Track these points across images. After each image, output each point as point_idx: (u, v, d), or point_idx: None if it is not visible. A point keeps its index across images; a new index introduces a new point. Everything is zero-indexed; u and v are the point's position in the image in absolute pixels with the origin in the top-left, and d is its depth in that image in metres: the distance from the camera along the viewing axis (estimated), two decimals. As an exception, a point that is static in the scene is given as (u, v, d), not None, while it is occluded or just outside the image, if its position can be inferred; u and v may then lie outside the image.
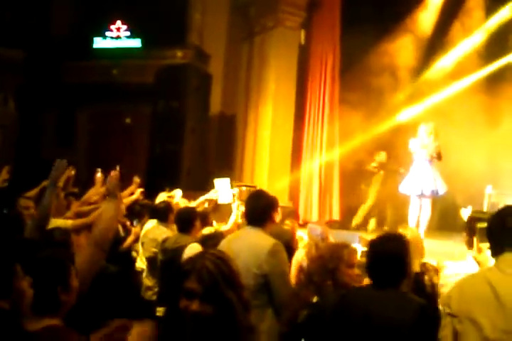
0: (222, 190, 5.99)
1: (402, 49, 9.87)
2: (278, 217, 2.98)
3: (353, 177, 9.75)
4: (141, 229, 5.26)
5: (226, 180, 6.11)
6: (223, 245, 2.98)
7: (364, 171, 9.69)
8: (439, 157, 7.44)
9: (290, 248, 3.41)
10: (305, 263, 3.50)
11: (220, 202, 5.92)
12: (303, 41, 10.37)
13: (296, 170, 10.04)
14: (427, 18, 10.16)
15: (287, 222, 4.63)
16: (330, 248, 2.94)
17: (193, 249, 3.64)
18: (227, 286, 1.68)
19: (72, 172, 5.03)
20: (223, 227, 4.87)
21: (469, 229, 3.02)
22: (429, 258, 3.44)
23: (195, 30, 10.90)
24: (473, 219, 3.05)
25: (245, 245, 2.81)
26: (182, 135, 9.67)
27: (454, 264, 2.88)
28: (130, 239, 5.21)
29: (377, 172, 9.44)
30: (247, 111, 10.47)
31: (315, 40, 10.22)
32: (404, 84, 9.95)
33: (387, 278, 2.30)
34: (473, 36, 9.78)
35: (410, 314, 2.17)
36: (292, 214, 9.42)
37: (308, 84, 10.19)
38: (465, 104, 8.66)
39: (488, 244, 2.25)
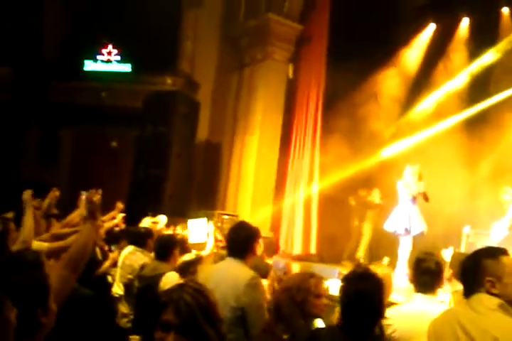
0: (196, 230, 5.83)
1: (387, 87, 10.14)
2: (260, 249, 2.97)
3: (334, 211, 9.77)
4: (119, 254, 5.20)
5: (203, 220, 5.95)
6: (203, 276, 2.97)
7: (350, 206, 9.73)
8: (425, 198, 7.60)
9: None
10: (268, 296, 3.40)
11: (191, 241, 5.73)
12: (291, 75, 10.59)
13: (279, 200, 10.07)
14: (412, 57, 10.52)
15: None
16: (296, 279, 2.81)
17: (170, 277, 3.60)
18: (205, 320, 1.67)
19: (57, 193, 4.98)
20: (202, 252, 4.84)
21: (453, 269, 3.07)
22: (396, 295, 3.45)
23: (186, 58, 11.07)
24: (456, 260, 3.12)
25: (224, 277, 2.80)
26: (167, 160, 9.67)
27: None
28: (107, 264, 5.13)
29: (373, 208, 9.45)
30: (233, 140, 10.56)
31: (302, 74, 10.45)
32: (388, 122, 10.17)
33: (359, 319, 2.22)
34: (455, 78, 10.10)
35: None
36: (273, 245, 9.40)
37: (295, 117, 10.37)
38: (445, 144, 8.86)
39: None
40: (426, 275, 2.74)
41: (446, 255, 3.93)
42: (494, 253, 2.13)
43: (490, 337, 1.86)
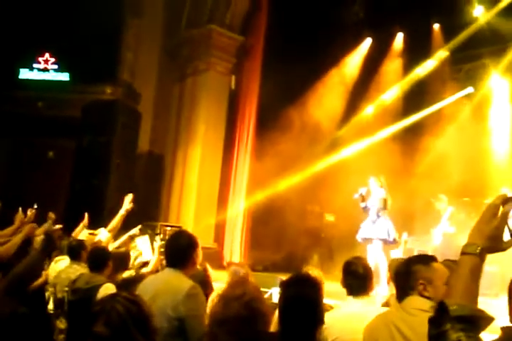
0: (144, 247, 5.69)
1: (325, 97, 10.39)
2: (198, 259, 2.91)
3: (267, 222, 9.82)
4: (49, 265, 4.99)
5: (145, 238, 5.79)
6: (141, 287, 2.89)
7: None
8: (384, 205, 7.67)
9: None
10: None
11: (144, 259, 5.57)
12: (233, 86, 10.65)
13: (222, 211, 10.04)
14: (349, 70, 10.85)
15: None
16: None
17: (107, 289, 3.48)
18: (138, 330, 1.63)
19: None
20: (144, 270, 4.70)
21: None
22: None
23: (127, 67, 10.91)
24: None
25: (163, 287, 2.73)
26: (107, 171, 9.44)
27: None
28: (40, 280, 4.91)
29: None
30: (176, 151, 10.47)
31: (244, 85, 10.54)
32: (325, 132, 10.41)
33: (299, 325, 2.14)
34: (390, 90, 10.52)
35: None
36: (217, 255, 9.36)
37: (237, 128, 10.43)
38: (382, 153, 9.15)
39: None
40: (353, 278, 2.80)
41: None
42: (426, 259, 2.26)
43: (423, 336, 1.90)
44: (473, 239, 1.21)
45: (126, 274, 4.20)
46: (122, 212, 4.95)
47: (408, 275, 2.18)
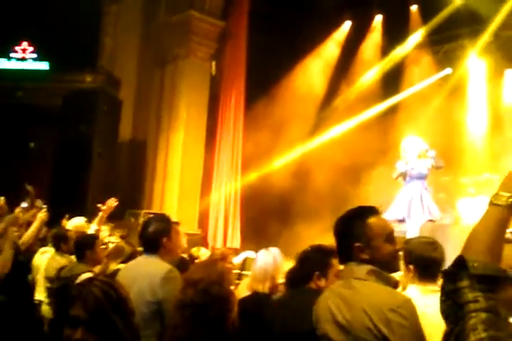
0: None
1: (307, 80, 10.44)
2: (174, 244, 2.94)
3: (258, 206, 9.93)
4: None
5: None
6: (119, 274, 2.94)
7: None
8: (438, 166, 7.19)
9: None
10: None
11: None
12: (214, 71, 10.61)
13: (206, 197, 10.10)
14: (330, 52, 10.89)
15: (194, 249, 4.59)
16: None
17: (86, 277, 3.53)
18: (115, 313, 1.65)
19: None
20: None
21: None
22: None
23: (106, 55, 10.81)
24: None
25: (140, 272, 2.77)
26: (89, 160, 9.41)
27: None
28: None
29: None
30: (158, 138, 10.44)
31: (225, 71, 10.52)
32: (308, 114, 10.47)
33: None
34: (370, 72, 10.60)
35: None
36: (201, 241, 9.42)
37: (219, 114, 10.42)
38: (362, 135, 9.26)
39: None
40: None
41: None
42: (360, 214, 1.90)
43: (360, 310, 1.75)
44: (504, 189, 1.06)
45: (121, 265, 4.20)
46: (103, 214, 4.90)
47: (343, 237, 1.90)
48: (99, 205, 4.87)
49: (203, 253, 5.09)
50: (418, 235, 6.31)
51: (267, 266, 3.22)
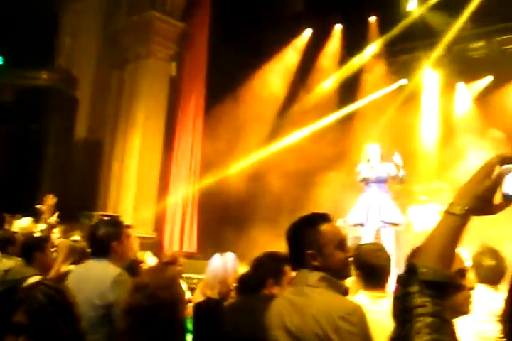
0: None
1: (267, 86, 10.54)
2: (125, 247, 2.89)
3: (215, 210, 9.91)
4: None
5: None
6: (69, 277, 2.88)
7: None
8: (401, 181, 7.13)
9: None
10: None
11: None
12: (174, 73, 10.55)
13: (163, 200, 9.99)
14: (291, 59, 11.02)
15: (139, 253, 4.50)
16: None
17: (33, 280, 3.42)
18: (60, 318, 1.62)
19: None
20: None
21: None
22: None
23: (64, 52, 10.56)
24: None
25: (89, 276, 2.73)
26: (41, 159, 9.15)
27: None
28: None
29: None
30: (115, 139, 10.27)
31: (185, 72, 10.48)
32: (267, 120, 10.57)
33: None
34: (328, 80, 10.81)
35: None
36: (157, 244, 9.32)
37: (178, 116, 10.36)
38: (318, 141, 9.42)
39: None
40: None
41: None
42: (313, 221, 1.90)
43: (310, 317, 1.77)
44: (459, 199, 1.08)
45: (71, 266, 4.09)
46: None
47: (295, 244, 1.91)
48: (37, 206, 4.70)
49: (148, 258, 5.02)
50: (372, 241, 6.44)
51: (217, 271, 3.22)
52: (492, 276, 2.52)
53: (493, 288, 2.52)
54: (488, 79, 10.00)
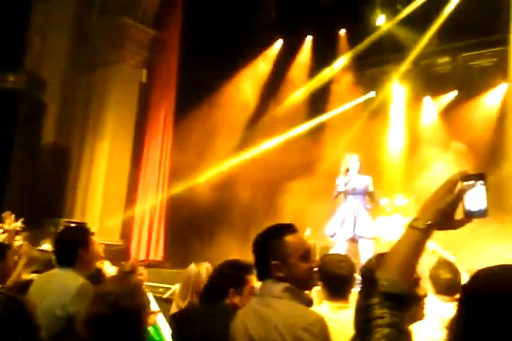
0: None
1: (237, 96, 10.60)
2: (92, 256, 2.84)
3: (184, 219, 9.87)
4: None
5: None
6: (30, 287, 2.81)
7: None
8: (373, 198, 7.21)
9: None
10: None
11: None
12: (144, 80, 10.50)
13: (130, 208, 9.90)
14: (262, 69, 11.13)
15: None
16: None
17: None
18: (17, 330, 1.59)
19: None
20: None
21: None
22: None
23: (33, 55, 10.37)
24: None
25: (52, 286, 2.68)
26: (6, 164, 8.94)
27: None
28: None
29: None
30: (83, 144, 10.13)
31: (156, 80, 10.45)
32: (238, 129, 10.62)
33: None
34: (299, 92, 10.95)
35: None
36: (124, 253, 9.22)
37: (148, 123, 10.30)
38: (287, 151, 9.52)
39: None
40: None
41: None
42: (278, 231, 1.92)
43: (273, 328, 1.79)
44: (422, 214, 1.12)
45: (33, 275, 3.98)
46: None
47: (260, 254, 1.92)
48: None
49: (107, 267, 4.93)
50: (345, 252, 6.50)
51: (188, 281, 3.18)
52: (448, 288, 2.64)
53: (449, 298, 2.63)
54: (453, 94, 10.31)
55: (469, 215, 1.12)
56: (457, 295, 1.05)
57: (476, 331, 0.94)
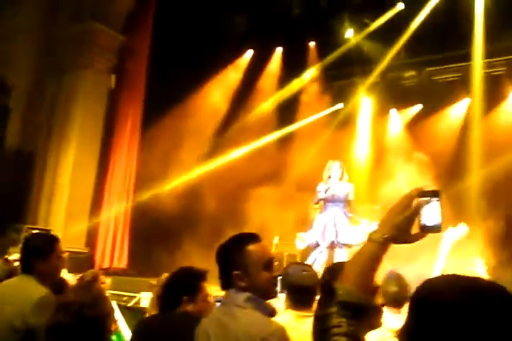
0: None
1: (207, 104, 10.62)
2: (55, 264, 2.77)
3: (149, 227, 9.78)
4: None
5: None
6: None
7: None
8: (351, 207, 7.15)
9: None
10: None
11: None
12: (113, 85, 10.41)
13: (96, 215, 9.76)
14: (232, 79, 11.20)
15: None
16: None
17: None
18: None
19: None
20: None
21: None
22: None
23: (-2, 58, 10.16)
24: None
25: (11, 297, 2.60)
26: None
27: None
28: None
29: None
30: (48, 150, 9.95)
31: (125, 86, 10.38)
32: (206, 138, 10.63)
33: None
34: (268, 102, 11.07)
35: None
36: (89, 260, 9.09)
37: (115, 129, 10.20)
38: (255, 160, 9.57)
39: None
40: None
41: None
42: (241, 241, 1.93)
43: (234, 338, 1.81)
44: (380, 228, 1.17)
45: None
46: None
47: (223, 264, 1.93)
48: None
49: (64, 275, 4.83)
50: (325, 261, 6.51)
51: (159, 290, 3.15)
52: (395, 301, 2.75)
53: (396, 310, 2.74)
54: (418, 107, 10.58)
55: (425, 230, 1.17)
56: (404, 307, 1.10)
57: (424, 338, 0.97)
